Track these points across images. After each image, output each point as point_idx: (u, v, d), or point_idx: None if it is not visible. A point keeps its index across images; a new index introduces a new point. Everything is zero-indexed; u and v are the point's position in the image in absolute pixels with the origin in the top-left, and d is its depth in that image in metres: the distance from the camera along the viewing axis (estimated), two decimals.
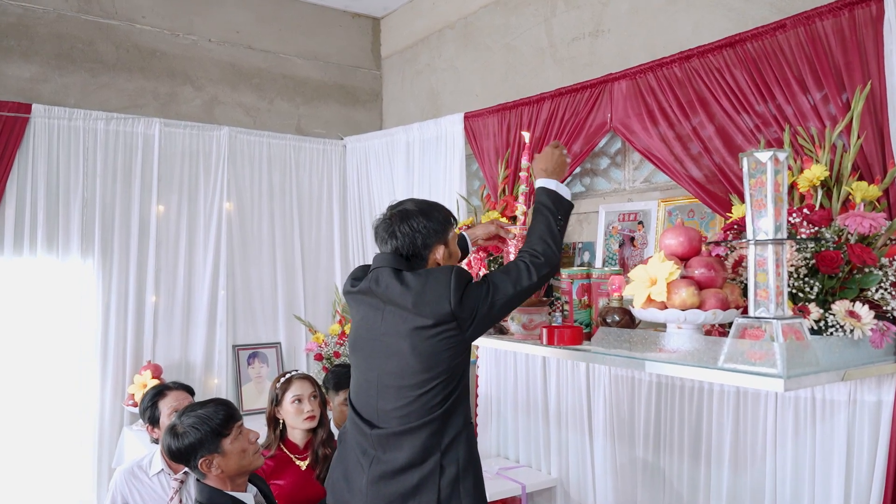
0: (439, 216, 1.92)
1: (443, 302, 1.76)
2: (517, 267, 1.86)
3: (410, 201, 1.95)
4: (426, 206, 1.93)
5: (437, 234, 1.89)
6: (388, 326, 1.84)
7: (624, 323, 1.99)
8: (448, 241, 1.93)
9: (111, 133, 3.66)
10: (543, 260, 1.86)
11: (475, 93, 3.80)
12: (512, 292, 1.82)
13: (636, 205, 2.86)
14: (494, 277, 1.84)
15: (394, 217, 1.89)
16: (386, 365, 1.85)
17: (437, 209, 1.95)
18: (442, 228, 1.91)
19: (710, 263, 1.78)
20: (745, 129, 2.30)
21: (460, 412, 1.87)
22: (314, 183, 4.36)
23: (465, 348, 1.85)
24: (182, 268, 3.86)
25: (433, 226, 1.88)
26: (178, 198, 3.87)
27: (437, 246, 1.90)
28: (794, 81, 2.14)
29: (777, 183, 1.63)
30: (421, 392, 1.79)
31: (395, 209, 1.92)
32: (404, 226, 1.86)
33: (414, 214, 1.88)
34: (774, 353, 1.56)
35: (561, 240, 1.95)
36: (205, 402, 2.31)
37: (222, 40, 4.09)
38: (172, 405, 2.63)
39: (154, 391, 2.68)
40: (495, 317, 1.85)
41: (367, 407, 1.91)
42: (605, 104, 2.78)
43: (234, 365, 4.01)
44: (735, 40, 2.29)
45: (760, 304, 1.64)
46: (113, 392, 3.63)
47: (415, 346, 1.79)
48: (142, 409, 2.67)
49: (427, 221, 1.87)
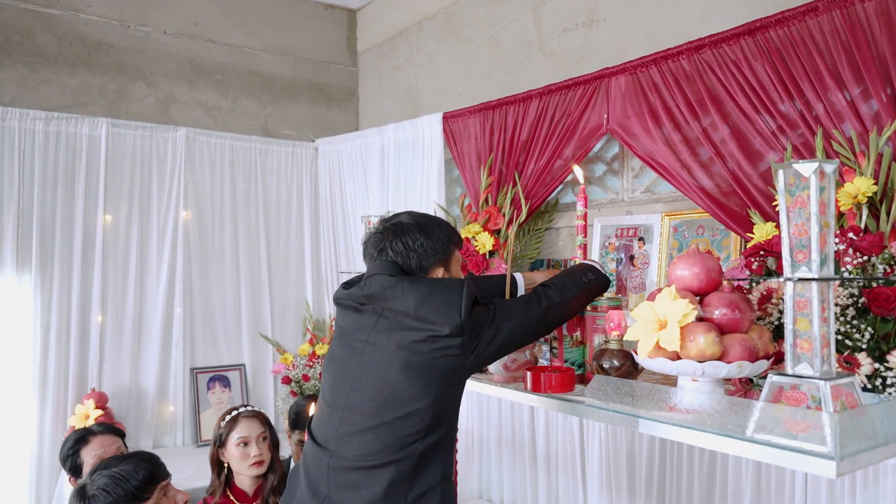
0: (440, 234, 1.66)
1: (452, 310, 1.48)
2: (526, 295, 1.68)
3: (407, 214, 1.69)
4: (425, 222, 1.67)
5: (437, 254, 1.64)
6: (380, 337, 1.56)
7: (624, 370, 1.63)
8: (450, 264, 1.69)
9: (51, 134, 3.27)
10: (555, 293, 1.67)
11: (457, 91, 3.43)
12: (521, 317, 1.59)
13: (636, 218, 2.50)
14: (499, 300, 1.64)
15: (386, 232, 1.65)
16: (361, 379, 1.55)
17: (439, 226, 1.69)
18: (442, 248, 1.65)
19: (734, 302, 1.42)
20: (765, 131, 1.94)
21: (438, 461, 1.55)
22: (283, 189, 3.98)
23: (458, 380, 1.56)
24: (132, 284, 3.48)
25: (432, 245, 1.63)
26: (128, 206, 3.48)
27: (435, 268, 1.65)
28: (828, 74, 1.78)
29: (823, 203, 1.27)
30: (396, 417, 1.49)
31: (389, 222, 1.68)
32: (397, 242, 1.62)
33: (410, 230, 1.64)
34: (823, 427, 1.20)
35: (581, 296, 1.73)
36: (126, 456, 1.95)
37: (180, 32, 3.71)
38: (97, 453, 2.27)
39: (76, 437, 2.32)
40: (499, 347, 1.58)
41: (327, 430, 1.60)
42: (600, 103, 2.42)
43: (191, 390, 3.63)
44: (755, 27, 1.93)
45: (801, 359, 1.28)
46: (53, 425, 3.24)
47: (407, 362, 1.49)
48: (62, 456, 2.31)
49: (425, 239, 1.63)
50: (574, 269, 1.78)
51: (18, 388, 3.18)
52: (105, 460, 1.96)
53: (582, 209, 1.97)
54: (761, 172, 1.96)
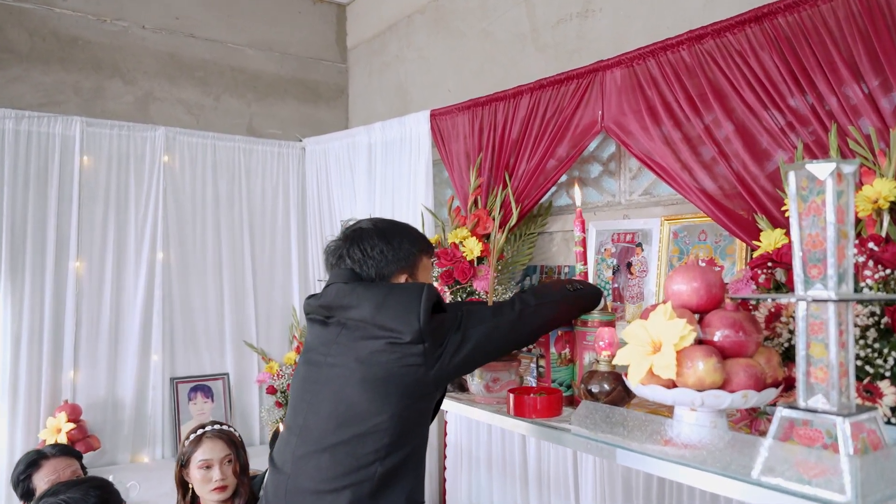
0: (403, 241, 1.56)
1: (410, 315, 1.38)
2: (500, 303, 1.56)
3: (369, 220, 1.61)
4: (388, 228, 1.58)
5: (399, 262, 1.54)
6: (340, 351, 1.46)
7: (615, 395, 1.46)
8: (416, 273, 1.58)
9: (23, 134, 3.13)
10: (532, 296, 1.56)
11: (447, 87, 3.26)
12: (491, 321, 1.48)
13: (634, 223, 2.32)
14: (469, 304, 1.56)
15: (346, 239, 1.57)
16: (319, 396, 1.45)
17: (402, 232, 1.58)
18: (405, 256, 1.55)
19: (738, 322, 1.24)
20: (773, 128, 1.76)
21: (402, 485, 1.41)
22: (268, 191, 3.82)
23: (422, 393, 1.42)
24: (109, 290, 3.32)
25: (392, 253, 1.53)
26: (104, 208, 3.33)
27: (396, 276, 1.54)
28: (843, 65, 1.61)
29: (840, 209, 1.09)
30: (354, 435, 1.38)
31: (350, 229, 1.59)
32: (355, 250, 1.54)
33: (368, 236, 1.55)
34: (841, 471, 1.03)
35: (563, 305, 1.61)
36: (77, 482, 1.81)
37: (159, 27, 3.56)
38: (50, 478, 2.12)
39: (27, 460, 2.17)
40: (467, 356, 1.45)
41: (284, 452, 1.50)
42: (594, 98, 2.24)
43: (171, 401, 3.47)
44: (762, 14, 1.75)
45: (816, 390, 1.11)
46: (25, 439, 3.09)
47: (365, 375, 1.39)
48: (13, 482, 2.15)
49: (385, 246, 1.53)
50: (561, 279, 1.66)
51: None
52: (55, 486, 1.83)
53: (580, 235, 1.81)
54: (769, 173, 1.79)
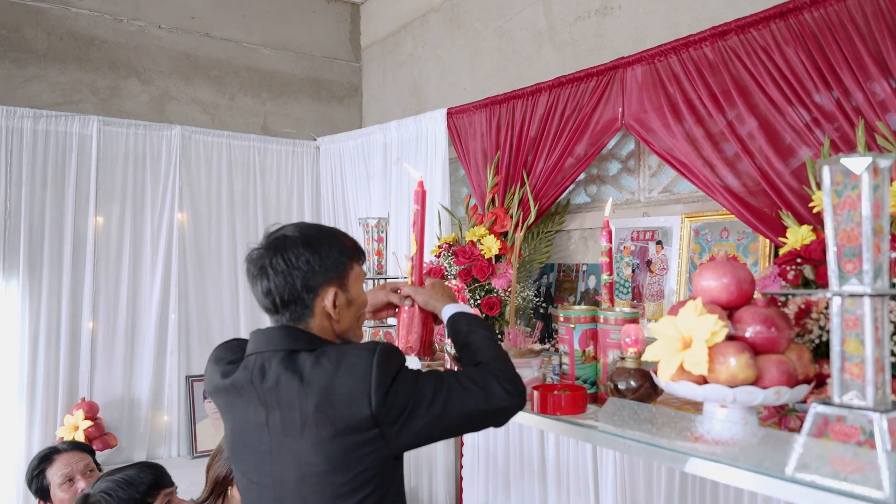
0: (330, 249, 1.38)
1: (359, 401, 1.22)
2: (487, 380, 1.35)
3: (293, 226, 1.41)
4: (313, 234, 1.39)
5: (327, 272, 1.37)
6: (280, 440, 1.30)
7: (643, 392, 1.45)
8: (346, 283, 1.40)
9: (40, 133, 3.14)
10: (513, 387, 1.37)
11: (463, 86, 3.26)
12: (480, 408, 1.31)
13: (654, 220, 2.31)
14: (458, 377, 1.33)
15: (268, 248, 1.38)
16: (284, 476, 1.31)
17: (329, 238, 1.40)
18: (333, 266, 1.37)
19: (770, 318, 1.23)
20: (798, 124, 1.75)
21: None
22: (282, 190, 3.83)
23: (394, 459, 1.33)
24: (125, 289, 3.33)
25: (318, 262, 1.36)
26: (121, 208, 3.34)
27: (325, 288, 1.37)
28: (870, 60, 1.60)
29: (877, 205, 1.08)
30: None
31: (272, 236, 1.40)
32: (278, 260, 1.35)
33: (293, 244, 1.36)
34: (878, 467, 1.02)
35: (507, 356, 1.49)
36: (128, 465, 1.88)
37: (175, 27, 3.57)
38: (63, 471, 2.13)
39: (39, 457, 2.19)
40: (436, 431, 1.31)
41: None
42: (615, 95, 2.23)
43: (187, 399, 3.48)
44: (787, 9, 1.74)
45: (851, 386, 1.10)
46: (42, 437, 3.10)
47: (328, 457, 1.25)
48: (27, 479, 2.16)
49: (311, 255, 1.35)
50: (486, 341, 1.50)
51: (5, 398, 3.05)
52: (109, 470, 1.92)
53: (606, 245, 1.81)
54: (793, 169, 1.78)
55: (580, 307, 1.73)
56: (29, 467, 2.20)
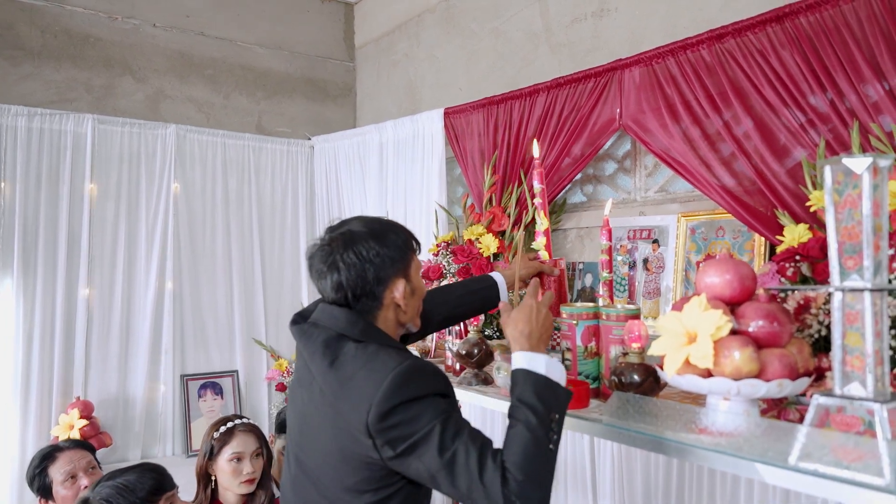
0: (396, 240, 1.42)
1: (361, 407, 1.24)
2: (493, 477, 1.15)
3: (357, 220, 1.44)
4: (378, 228, 1.42)
5: (395, 263, 1.40)
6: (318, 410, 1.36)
7: (646, 386, 1.49)
8: (409, 272, 1.44)
9: (34, 131, 3.13)
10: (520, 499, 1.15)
11: (458, 86, 3.29)
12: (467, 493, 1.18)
13: (650, 219, 2.35)
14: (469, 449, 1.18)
15: (335, 242, 1.39)
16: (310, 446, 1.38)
17: (394, 230, 1.44)
18: (400, 256, 1.41)
19: (773, 313, 1.27)
20: (793, 125, 1.80)
21: None
22: (277, 189, 3.84)
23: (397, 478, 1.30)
24: (120, 288, 3.33)
25: (389, 253, 1.39)
26: (116, 206, 3.34)
27: (395, 280, 1.40)
28: (864, 63, 1.64)
29: (877, 203, 1.12)
30: None
31: (337, 231, 1.42)
32: (349, 254, 1.37)
33: (362, 238, 1.38)
34: (880, 455, 1.06)
35: (552, 465, 1.21)
36: (131, 467, 1.88)
37: (170, 25, 3.57)
38: (66, 469, 2.14)
39: (41, 455, 2.19)
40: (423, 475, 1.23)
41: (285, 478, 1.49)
42: (612, 96, 2.27)
43: (182, 398, 3.48)
44: (783, 13, 1.79)
45: (852, 378, 1.14)
46: (36, 436, 3.09)
47: (343, 449, 1.30)
48: (28, 477, 2.16)
49: (380, 247, 1.38)
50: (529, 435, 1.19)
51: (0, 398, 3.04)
52: (108, 473, 1.90)
53: (606, 243, 1.84)
54: (789, 169, 1.82)
55: (583, 304, 1.77)
56: (30, 465, 2.20)
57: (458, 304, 1.88)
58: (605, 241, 1.86)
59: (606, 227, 1.87)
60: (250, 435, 2.28)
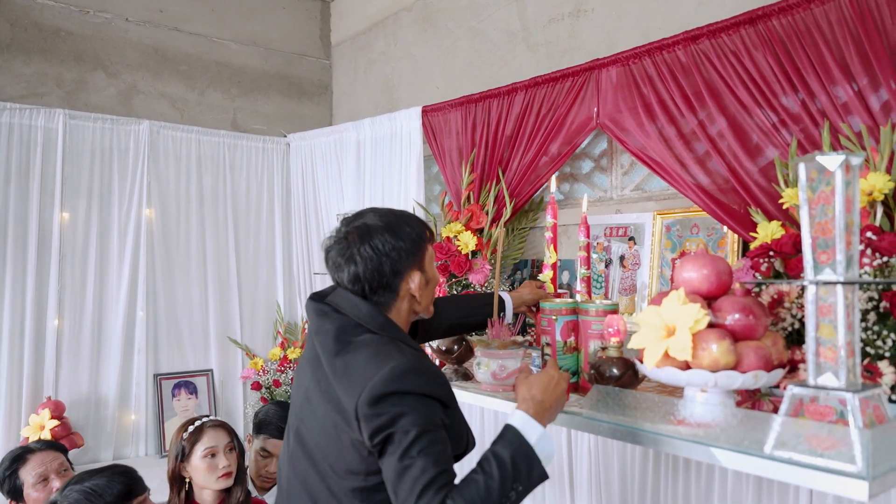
0: (411, 232, 1.43)
1: (355, 389, 1.25)
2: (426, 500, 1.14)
3: (372, 213, 1.45)
4: (393, 220, 1.43)
5: (411, 255, 1.41)
6: (320, 388, 1.38)
7: (626, 379, 1.52)
8: (424, 263, 1.45)
9: (4, 126, 3.07)
10: None
11: (436, 85, 3.30)
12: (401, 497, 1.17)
13: (626, 217, 2.39)
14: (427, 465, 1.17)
15: (351, 235, 1.40)
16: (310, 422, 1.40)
17: (408, 222, 1.45)
18: (416, 248, 1.42)
19: (748, 307, 1.31)
20: (765, 125, 1.85)
21: None
22: (252, 187, 3.81)
23: None
24: (92, 285, 3.28)
25: (405, 245, 1.40)
26: (87, 203, 3.28)
27: (410, 272, 1.42)
28: (835, 65, 1.69)
29: (849, 199, 1.16)
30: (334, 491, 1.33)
31: (353, 224, 1.43)
32: (366, 247, 1.38)
33: (378, 231, 1.40)
34: (852, 443, 1.10)
35: None
36: (98, 470, 1.82)
37: (143, 20, 3.52)
38: (37, 471, 2.11)
39: (12, 456, 2.15)
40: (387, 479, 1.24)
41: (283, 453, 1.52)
42: (590, 96, 2.30)
43: (155, 397, 3.44)
44: (757, 16, 1.83)
45: (825, 368, 1.18)
46: (6, 437, 3.03)
47: (336, 428, 1.31)
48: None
49: (396, 240, 1.40)
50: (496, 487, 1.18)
51: None
52: (78, 475, 1.86)
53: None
54: (761, 168, 1.87)
55: (562, 300, 1.79)
56: (0, 467, 2.16)
57: (468, 314, 1.88)
58: (583, 237, 1.89)
59: (584, 223, 1.90)
60: (220, 430, 2.26)
